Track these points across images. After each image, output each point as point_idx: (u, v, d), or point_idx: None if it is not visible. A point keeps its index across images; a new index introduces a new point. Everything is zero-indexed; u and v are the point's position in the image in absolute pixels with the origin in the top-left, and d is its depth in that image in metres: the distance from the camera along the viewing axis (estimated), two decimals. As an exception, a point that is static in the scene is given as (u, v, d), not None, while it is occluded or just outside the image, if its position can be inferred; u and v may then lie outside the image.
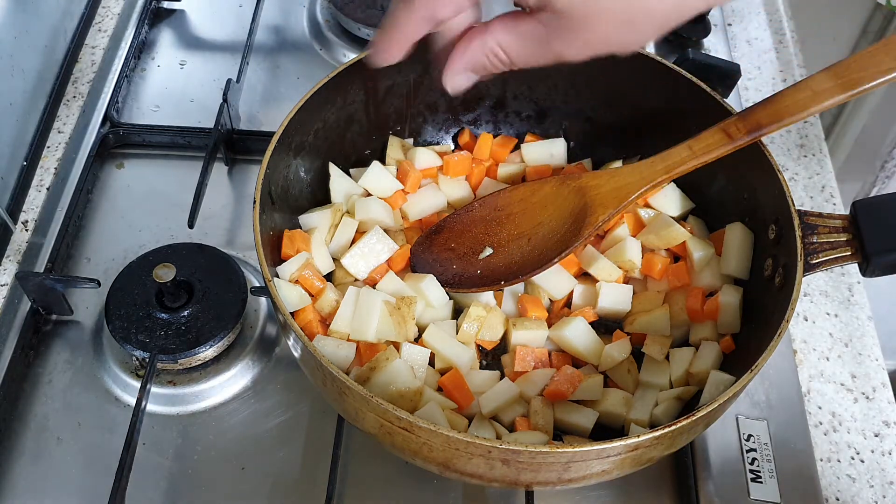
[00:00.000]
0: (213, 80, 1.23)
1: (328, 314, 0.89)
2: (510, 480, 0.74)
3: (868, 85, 0.79)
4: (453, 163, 1.02)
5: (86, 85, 1.20)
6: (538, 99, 1.06)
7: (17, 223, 1.04)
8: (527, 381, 0.89)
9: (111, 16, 1.30)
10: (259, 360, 0.96)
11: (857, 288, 1.08)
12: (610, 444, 0.68)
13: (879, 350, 1.02)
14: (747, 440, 0.91)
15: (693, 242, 0.94)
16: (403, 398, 0.82)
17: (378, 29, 0.72)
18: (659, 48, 1.27)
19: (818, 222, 0.82)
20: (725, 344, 0.88)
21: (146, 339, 0.91)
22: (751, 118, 0.84)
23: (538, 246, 0.93)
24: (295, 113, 0.88)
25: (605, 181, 0.91)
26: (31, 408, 0.92)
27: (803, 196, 1.16)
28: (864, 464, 0.94)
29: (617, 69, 0.98)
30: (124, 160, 1.14)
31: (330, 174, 0.98)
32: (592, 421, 0.86)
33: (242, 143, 1.14)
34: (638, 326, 0.93)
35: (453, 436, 0.67)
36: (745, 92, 1.27)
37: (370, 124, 1.02)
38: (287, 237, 0.90)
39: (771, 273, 0.86)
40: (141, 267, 0.96)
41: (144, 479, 0.86)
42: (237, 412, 0.93)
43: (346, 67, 0.92)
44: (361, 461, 0.90)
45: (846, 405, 0.98)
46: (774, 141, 1.21)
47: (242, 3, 1.34)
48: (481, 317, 0.92)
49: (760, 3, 1.41)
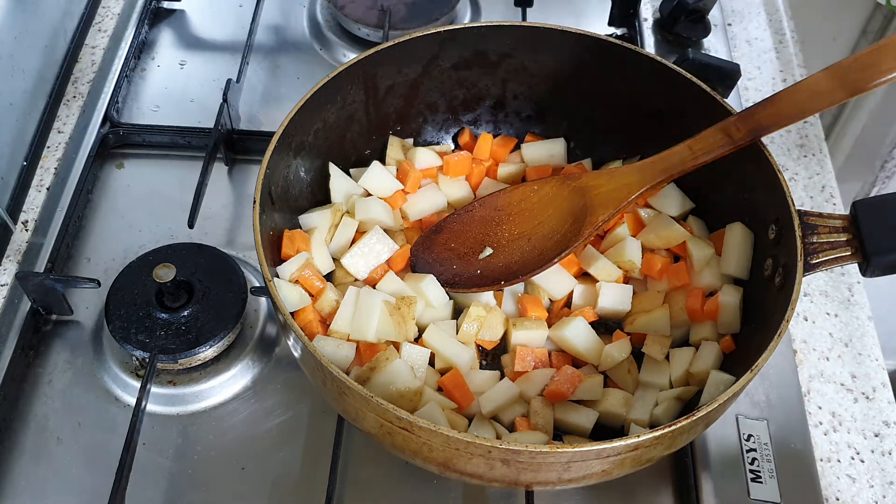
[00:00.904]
0: (213, 80, 1.23)
1: (328, 314, 0.89)
2: (510, 480, 0.74)
3: (868, 85, 0.79)
4: (453, 163, 1.02)
5: (86, 85, 1.20)
6: (538, 99, 1.06)
7: (17, 223, 1.04)
8: (527, 381, 0.89)
9: (111, 16, 1.30)
10: (259, 360, 0.96)
11: (857, 288, 1.08)
12: (610, 444, 0.68)
13: (879, 350, 1.02)
14: (747, 440, 0.91)
15: (693, 242, 0.94)
16: (403, 398, 0.82)
17: None
18: (659, 48, 1.27)
19: (818, 222, 0.82)
20: (725, 344, 0.88)
21: (146, 339, 0.91)
22: (751, 118, 0.84)
23: (538, 246, 0.93)
24: (295, 113, 0.88)
25: (605, 181, 0.91)
26: (31, 408, 0.92)
27: (803, 196, 1.16)
28: (864, 464, 0.94)
29: (617, 69, 0.98)
30: (124, 160, 1.14)
31: (330, 174, 0.98)
32: (592, 421, 0.86)
33: (242, 143, 1.14)
34: (638, 326, 0.93)
35: (453, 436, 0.67)
36: (745, 92, 1.27)
37: (370, 124, 1.02)
38: (287, 237, 0.90)
39: (771, 273, 0.86)
40: (141, 267, 0.96)
41: (144, 479, 0.86)
42: (237, 412, 0.93)
43: (346, 67, 0.92)
44: (361, 461, 0.90)
45: (846, 405, 0.98)
46: (774, 141, 1.21)
47: (242, 3, 1.34)
48: (481, 317, 0.92)
49: (760, 3, 1.41)
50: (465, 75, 1.03)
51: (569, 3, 1.37)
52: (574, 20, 1.34)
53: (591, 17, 1.34)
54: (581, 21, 1.34)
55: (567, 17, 1.34)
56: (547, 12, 1.33)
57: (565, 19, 1.33)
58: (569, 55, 1.00)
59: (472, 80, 1.04)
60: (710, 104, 0.91)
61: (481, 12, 1.35)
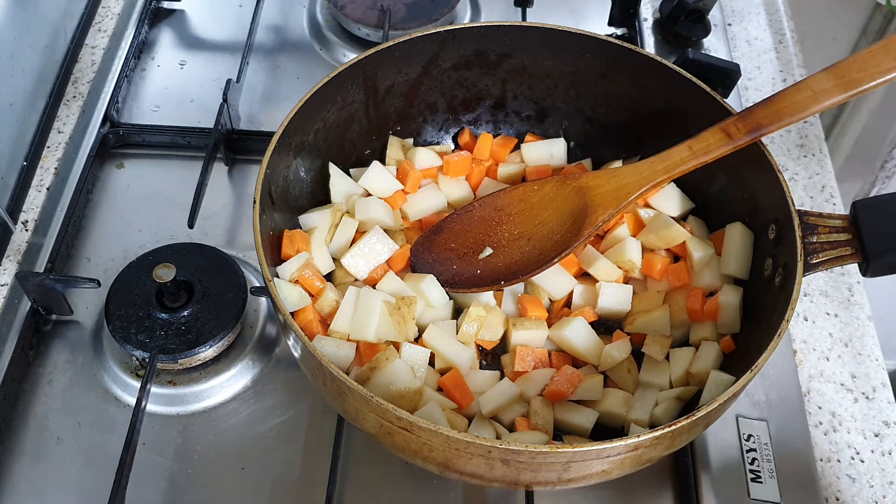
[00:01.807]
0: (213, 80, 1.23)
1: (328, 314, 0.89)
2: (510, 480, 0.74)
3: (868, 85, 0.79)
4: (453, 163, 1.02)
5: (86, 85, 1.20)
6: (538, 99, 1.06)
7: (17, 223, 1.04)
8: (527, 381, 0.89)
9: (111, 16, 1.30)
10: (259, 360, 0.96)
11: (857, 288, 1.08)
12: (610, 444, 0.68)
13: (879, 350, 1.02)
14: (747, 440, 0.91)
15: (693, 242, 0.94)
16: (403, 398, 0.82)
17: None
18: (659, 48, 1.27)
19: (818, 222, 0.82)
20: (725, 344, 0.88)
21: (146, 339, 0.91)
22: (751, 118, 0.84)
23: (538, 246, 0.93)
24: (295, 113, 0.88)
25: (605, 181, 0.91)
26: (31, 408, 0.92)
27: (803, 196, 1.16)
28: (864, 464, 0.94)
29: (617, 69, 0.99)
30: (124, 160, 1.14)
31: (330, 174, 0.98)
32: (592, 421, 0.86)
33: (242, 143, 1.14)
34: (638, 326, 0.93)
35: (453, 436, 0.67)
36: (745, 92, 1.27)
37: (370, 124, 1.02)
38: (287, 237, 0.90)
39: (771, 273, 0.86)
40: (141, 267, 0.96)
41: (144, 479, 0.86)
42: (237, 412, 0.93)
43: (346, 67, 0.92)
44: (361, 461, 0.90)
45: (846, 405, 0.98)
46: (774, 141, 1.21)
47: (242, 3, 1.34)
48: (481, 317, 0.92)
49: (760, 3, 1.41)
50: (465, 75, 1.03)
51: (569, 3, 1.37)
52: (574, 20, 1.34)
53: (591, 17, 1.34)
54: (581, 21, 1.34)
55: (567, 17, 1.34)
56: (547, 12, 1.33)
57: (565, 19, 1.33)
58: (569, 55, 1.00)
59: (472, 80, 1.04)
60: (710, 104, 0.91)
61: (481, 12, 1.35)
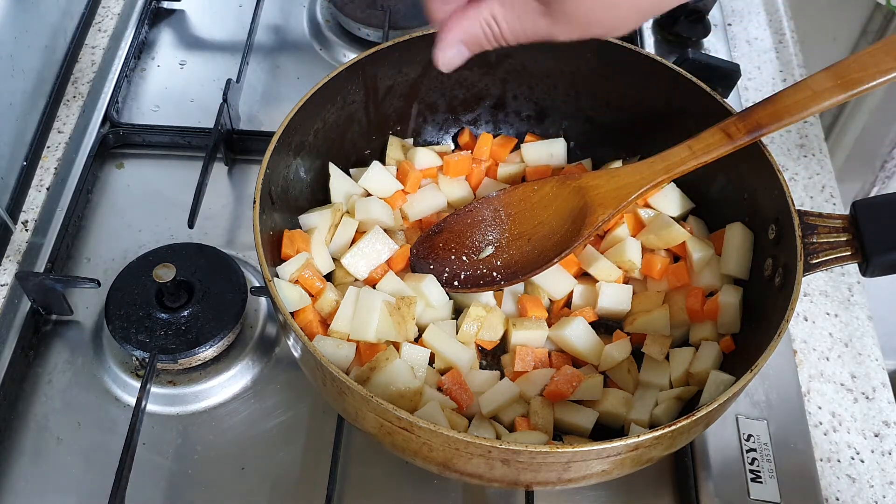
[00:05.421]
0: (213, 80, 1.23)
1: (328, 314, 0.89)
2: (510, 480, 0.74)
3: (868, 85, 0.79)
4: (453, 163, 1.02)
5: (86, 85, 1.20)
6: (538, 99, 1.06)
7: (17, 223, 1.04)
8: (527, 381, 0.89)
9: (111, 16, 1.30)
10: (259, 360, 0.96)
11: (857, 288, 1.08)
12: (610, 444, 0.68)
13: (879, 350, 1.02)
14: (747, 440, 0.91)
15: (693, 242, 0.94)
16: (403, 398, 0.82)
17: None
18: (659, 48, 1.27)
19: (818, 222, 0.82)
20: (725, 344, 0.88)
21: (146, 339, 0.91)
22: (751, 118, 0.84)
23: (538, 246, 0.93)
24: (295, 113, 0.88)
25: (605, 181, 0.91)
26: (31, 408, 0.92)
27: (803, 196, 1.16)
28: (864, 464, 0.94)
29: (617, 69, 0.98)
30: (124, 160, 1.14)
31: (330, 174, 0.98)
32: (592, 421, 0.86)
33: (242, 143, 1.14)
34: (638, 326, 0.93)
35: (453, 436, 0.67)
36: (745, 92, 1.27)
37: (370, 124, 1.02)
38: (287, 237, 0.90)
39: (771, 273, 0.86)
40: (141, 267, 0.96)
41: (144, 479, 0.86)
42: (237, 412, 0.93)
43: (346, 67, 0.92)
44: (361, 461, 0.90)
45: (846, 405, 0.98)
46: (774, 141, 1.21)
47: (242, 3, 1.34)
48: (481, 317, 0.92)
49: (760, 3, 1.41)
50: (465, 75, 1.03)
51: (569, 3, 1.37)
52: (574, 20, 1.34)
53: (591, 17, 1.34)
54: (581, 21, 1.34)
55: (567, 17, 1.34)
56: (547, 12, 1.33)
57: (565, 19, 1.33)
58: (569, 55, 1.00)
59: (472, 80, 1.04)
60: (710, 104, 0.91)
61: None
